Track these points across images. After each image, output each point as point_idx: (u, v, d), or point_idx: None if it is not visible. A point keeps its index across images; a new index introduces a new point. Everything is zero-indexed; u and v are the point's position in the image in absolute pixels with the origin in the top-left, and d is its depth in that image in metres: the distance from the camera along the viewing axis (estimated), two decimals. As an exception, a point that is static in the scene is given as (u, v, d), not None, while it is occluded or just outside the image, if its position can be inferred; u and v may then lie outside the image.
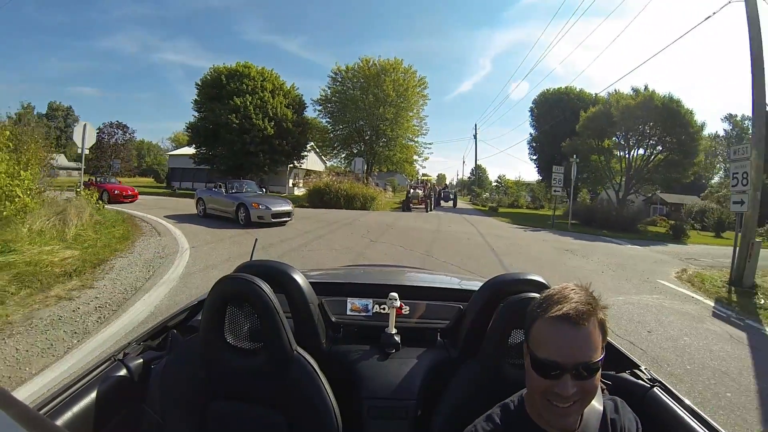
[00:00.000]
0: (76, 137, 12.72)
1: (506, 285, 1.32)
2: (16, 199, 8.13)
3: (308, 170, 37.98)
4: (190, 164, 33.67)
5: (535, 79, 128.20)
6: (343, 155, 40.17)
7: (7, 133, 8.50)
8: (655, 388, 1.22)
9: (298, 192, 33.66)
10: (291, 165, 33.39)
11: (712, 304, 7.03)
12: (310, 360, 1.20)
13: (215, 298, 1.16)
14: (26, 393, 2.93)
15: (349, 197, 22.63)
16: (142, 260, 6.98)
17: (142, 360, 1.27)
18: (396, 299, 1.45)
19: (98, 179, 18.58)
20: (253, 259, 1.69)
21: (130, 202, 17.73)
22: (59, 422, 0.99)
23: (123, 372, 1.21)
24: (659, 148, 28.28)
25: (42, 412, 0.99)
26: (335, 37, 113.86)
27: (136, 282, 5.75)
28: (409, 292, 1.67)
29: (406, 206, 24.77)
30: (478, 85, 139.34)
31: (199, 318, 1.32)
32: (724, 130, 55.43)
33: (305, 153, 33.26)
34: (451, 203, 34.06)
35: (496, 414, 1.00)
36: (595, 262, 10.11)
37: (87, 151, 12.83)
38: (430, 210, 25.30)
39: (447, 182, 63.34)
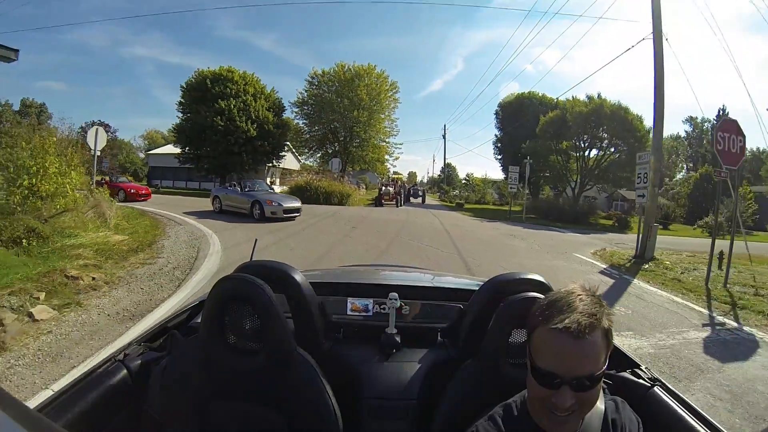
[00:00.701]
0: (89, 140, 14.46)
1: (506, 285, 1.33)
2: (68, 195, 10.01)
3: (284, 168, 39.82)
4: (169, 163, 35.03)
5: (506, 80, 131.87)
6: (319, 154, 42.45)
7: (54, 138, 10.36)
8: (655, 388, 1.22)
9: (277, 189, 35.45)
10: (270, 164, 35.23)
11: (603, 265, 9.65)
12: (311, 360, 1.21)
13: (215, 298, 1.18)
14: (169, 305, 5.07)
15: (328, 194, 24.84)
16: (182, 241, 9.05)
17: (142, 361, 1.29)
18: (396, 299, 1.47)
19: (111, 178, 19.82)
20: (253, 259, 1.72)
21: (144, 200, 19.06)
22: (59, 423, 1.00)
23: (123, 373, 1.23)
24: (612, 149, 31.51)
25: (42, 412, 0.99)
26: (309, 34, 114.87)
27: (191, 253, 7.87)
28: (409, 292, 1.67)
29: (378, 202, 27.01)
30: (449, 84, 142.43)
31: (200, 319, 1.33)
32: (685, 131, 59.18)
33: (283, 153, 35.15)
34: (420, 200, 36.45)
35: (498, 414, 0.99)
36: (529, 243, 12.79)
37: (99, 153, 14.60)
38: (400, 205, 27.62)
39: (418, 180, 65.96)
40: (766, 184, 40.18)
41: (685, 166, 58.52)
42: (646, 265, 10.04)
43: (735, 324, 5.86)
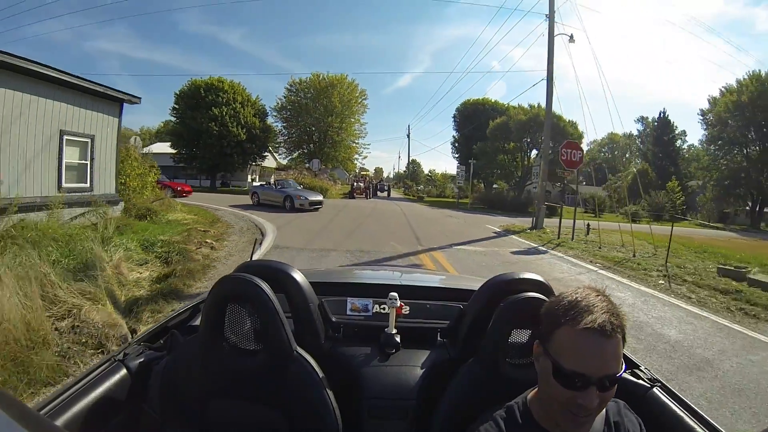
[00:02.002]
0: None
1: (506, 285, 1.35)
2: (148, 189, 14.84)
3: (263, 166, 44.59)
4: (156, 161, 39.15)
5: (475, 77, 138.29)
6: (295, 154, 47.46)
7: (135, 149, 15.24)
8: (655, 388, 1.25)
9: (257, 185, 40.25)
10: (253, 163, 40.02)
11: (500, 230, 15.42)
12: (310, 360, 1.23)
13: (215, 298, 1.21)
14: (268, 241, 10.25)
15: (311, 188, 29.91)
16: (237, 219, 14.06)
17: (142, 360, 1.32)
18: (396, 299, 1.49)
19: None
20: (254, 259, 1.76)
21: (186, 196, 22.55)
22: (59, 422, 1.02)
23: (123, 372, 1.26)
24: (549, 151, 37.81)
25: (42, 412, 1.02)
26: (276, 29, 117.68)
27: (251, 224, 12.95)
28: (409, 292, 1.71)
29: (351, 195, 32.34)
30: (417, 80, 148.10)
31: (200, 318, 1.35)
32: (638, 129, 63.94)
33: (266, 154, 40.01)
34: (385, 194, 41.69)
35: (500, 417, 1.01)
36: (460, 220, 18.73)
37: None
38: (369, 198, 33.15)
39: (384, 176, 71.41)
40: (697, 179, 45.78)
41: (637, 161, 61.93)
42: (530, 231, 15.79)
43: (544, 249, 11.59)
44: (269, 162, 46.81)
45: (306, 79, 43.48)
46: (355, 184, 34.62)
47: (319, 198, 19.39)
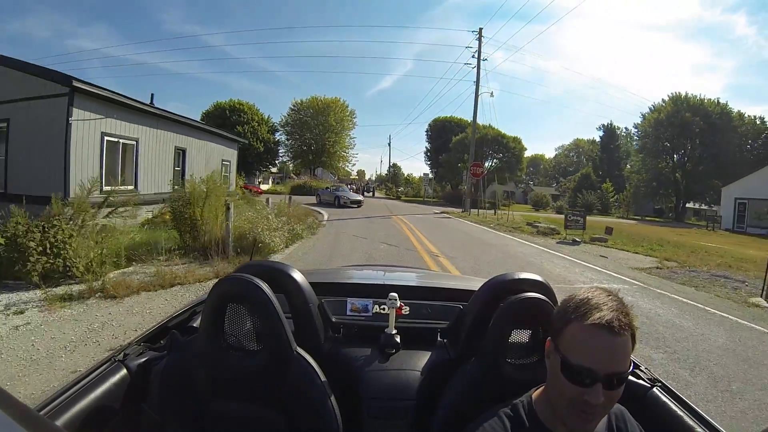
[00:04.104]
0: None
1: (506, 285, 1.35)
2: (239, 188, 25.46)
3: (268, 171, 55.26)
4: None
5: (451, 93, 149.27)
6: (296, 162, 58.31)
7: (227, 165, 26.00)
8: (655, 388, 1.26)
9: (264, 187, 50.78)
10: (264, 170, 50.73)
11: (440, 212, 26.85)
12: (310, 360, 1.24)
13: (215, 298, 1.21)
14: (326, 216, 21.33)
15: (317, 189, 40.70)
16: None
17: (142, 360, 1.33)
18: (396, 299, 1.49)
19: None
20: (254, 259, 1.99)
21: (257, 196, 26.78)
22: (59, 422, 1.03)
23: (123, 372, 1.26)
24: (495, 160, 49.17)
25: (42, 412, 1.02)
26: (260, 30, 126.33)
27: (312, 210, 23.87)
28: (409, 292, 1.72)
29: (346, 195, 42.92)
30: (399, 82, 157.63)
31: (200, 319, 1.35)
32: (599, 136, 67.51)
33: (276, 162, 50.76)
34: (371, 194, 52.48)
35: (505, 414, 1.01)
36: (420, 208, 30.40)
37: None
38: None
39: (367, 178, 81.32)
40: (631, 181, 52.41)
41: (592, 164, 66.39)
42: (459, 213, 26.94)
43: (454, 218, 22.89)
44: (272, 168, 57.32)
45: (306, 100, 54.55)
46: (347, 187, 45.50)
47: (359, 198, 28.82)
